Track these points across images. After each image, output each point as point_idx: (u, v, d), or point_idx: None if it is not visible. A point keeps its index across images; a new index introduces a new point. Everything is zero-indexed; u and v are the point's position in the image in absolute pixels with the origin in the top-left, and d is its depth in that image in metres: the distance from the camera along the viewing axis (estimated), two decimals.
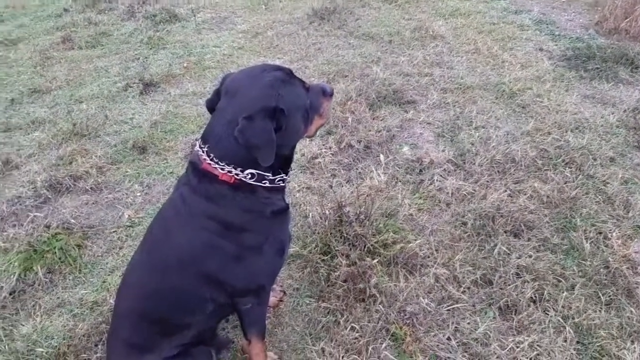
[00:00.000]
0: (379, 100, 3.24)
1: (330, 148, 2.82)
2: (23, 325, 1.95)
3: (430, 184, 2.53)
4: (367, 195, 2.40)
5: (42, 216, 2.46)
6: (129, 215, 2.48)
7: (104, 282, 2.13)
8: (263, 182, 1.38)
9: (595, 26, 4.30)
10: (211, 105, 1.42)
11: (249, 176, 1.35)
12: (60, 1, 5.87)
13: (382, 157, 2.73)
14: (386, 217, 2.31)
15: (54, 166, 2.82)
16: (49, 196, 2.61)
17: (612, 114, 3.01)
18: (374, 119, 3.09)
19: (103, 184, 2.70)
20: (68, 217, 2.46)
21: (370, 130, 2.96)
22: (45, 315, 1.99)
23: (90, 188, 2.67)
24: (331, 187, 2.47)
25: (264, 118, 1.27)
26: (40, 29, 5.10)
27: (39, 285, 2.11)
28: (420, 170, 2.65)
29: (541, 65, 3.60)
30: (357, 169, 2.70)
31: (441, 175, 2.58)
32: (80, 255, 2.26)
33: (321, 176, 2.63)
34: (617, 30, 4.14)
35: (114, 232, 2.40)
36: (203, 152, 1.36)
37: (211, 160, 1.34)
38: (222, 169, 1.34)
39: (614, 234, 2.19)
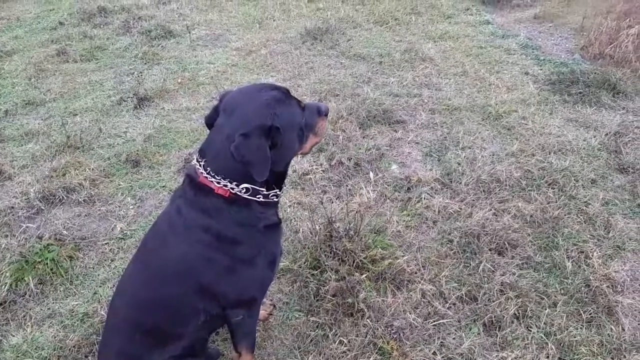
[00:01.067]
0: (369, 120, 3.32)
1: (321, 165, 2.88)
2: (13, 336, 1.96)
3: (418, 201, 2.60)
4: (356, 212, 2.45)
5: (35, 227, 2.48)
6: (121, 228, 2.51)
7: (95, 293, 2.15)
8: (257, 196, 1.43)
9: (581, 51, 4.45)
10: (210, 122, 1.48)
11: (244, 190, 1.40)
12: (55, 14, 5.92)
13: (371, 174, 2.79)
14: (375, 233, 2.37)
15: (47, 178, 2.84)
16: (42, 207, 2.63)
17: (594, 137, 3.12)
18: (364, 137, 3.17)
19: (96, 197, 2.73)
20: (60, 228, 2.48)
21: (360, 148, 3.03)
22: (35, 325, 2.00)
23: (83, 200, 2.69)
24: (321, 203, 2.52)
25: (260, 136, 1.33)
26: (35, 41, 5.14)
27: (29, 296, 2.12)
28: (408, 188, 2.72)
29: (526, 89, 3.72)
30: (347, 185, 2.76)
31: (428, 194, 2.65)
32: (71, 267, 2.28)
33: (312, 192, 2.69)
34: (602, 56, 4.28)
35: (105, 244, 2.42)
36: (200, 165, 1.41)
37: (208, 174, 1.40)
38: (218, 183, 1.39)
39: (594, 254, 2.26)
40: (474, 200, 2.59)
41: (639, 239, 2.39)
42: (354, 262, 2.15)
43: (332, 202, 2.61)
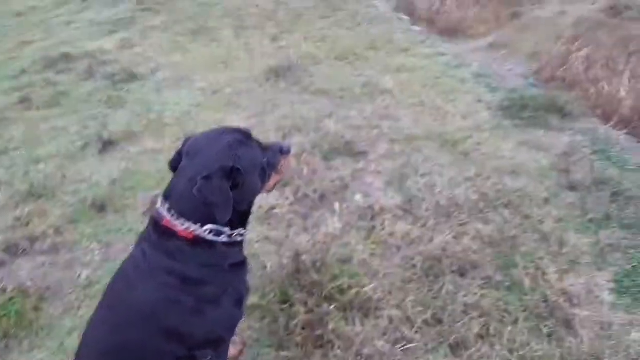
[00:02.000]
0: (332, 152, 3.42)
1: (287, 199, 2.94)
2: None
3: (382, 229, 2.68)
4: (323, 243, 2.52)
5: None
6: (87, 275, 2.49)
7: (61, 344, 2.12)
8: (221, 237, 1.48)
9: (535, 75, 4.68)
10: (174, 165, 1.54)
11: (208, 231, 1.45)
12: (18, 62, 5.91)
13: (336, 205, 2.87)
14: (342, 263, 2.43)
15: (10, 228, 2.80)
16: (5, 259, 2.59)
17: (545, 158, 3.29)
18: (328, 169, 3.26)
19: (61, 245, 2.71)
20: (25, 279, 2.44)
21: (324, 181, 3.11)
22: None
23: (48, 249, 2.66)
24: (288, 237, 2.57)
25: (222, 178, 1.39)
26: None
27: None
28: (372, 217, 2.80)
29: (480, 116, 3.90)
30: (313, 217, 2.82)
31: (391, 221, 2.74)
32: (37, 318, 2.24)
33: (279, 226, 2.74)
34: (555, 79, 4.50)
35: (71, 292, 2.40)
36: (164, 209, 1.46)
37: (172, 216, 1.44)
38: (182, 225, 1.43)
39: (551, 270, 2.37)
40: (434, 225, 2.68)
41: (591, 252, 2.51)
42: (322, 293, 2.20)
43: (299, 235, 2.66)
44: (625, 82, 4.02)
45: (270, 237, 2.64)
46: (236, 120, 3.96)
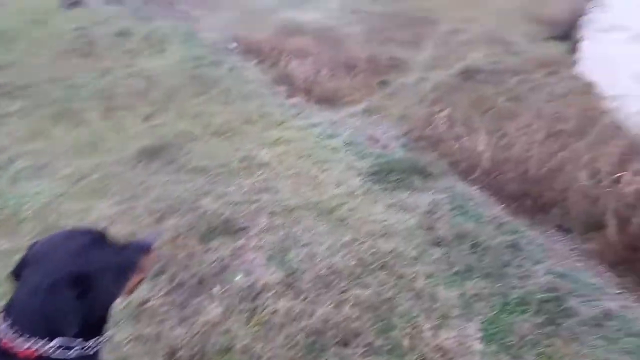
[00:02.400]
0: (210, 232, 3.34)
1: (161, 289, 2.76)
2: None
3: (264, 309, 2.62)
4: (202, 333, 2.39)
5: None
6: None
7: None
8: (72, 350, 1.32)
9: (405, 136, 5.11)
10: (17, 274, 1.37)
11: (56, 347, 1.29)
12: None
13: (216, 289, 2.77)
14: (222, 352, 2.31)
15: None
16: None
17: (412, 217, 3.54)
18: (206, 251, 3.16)
19: None
20: None
21: (202, 264, 3.00)
22: None
23: None
24: (162, 332, 2.39)
25: (67, 286, 1.27)
26: None
27: None
28: (255, 297, 2.74)
29: (352, 182, 4.12)
30: (191, 305, 2.68)
31: (273, 299, 2.70)
32: None
33: (152, 322, 2.54)
34: (422, 138, 4.94)
35: None
36: (5, 325, 1.28)
37: (14, 333, 1.27)
38: (24, 344, 1.26)
39: (426, 326, 2.49)
40: (315, 297, 2.70)
41: (460, 304, 2.70)
42: None
43: (175, 329, 2.48)
44: (482, 137, 4.58)
45: (142, 336, 2.43)
46: (104, 208, 3.72)
